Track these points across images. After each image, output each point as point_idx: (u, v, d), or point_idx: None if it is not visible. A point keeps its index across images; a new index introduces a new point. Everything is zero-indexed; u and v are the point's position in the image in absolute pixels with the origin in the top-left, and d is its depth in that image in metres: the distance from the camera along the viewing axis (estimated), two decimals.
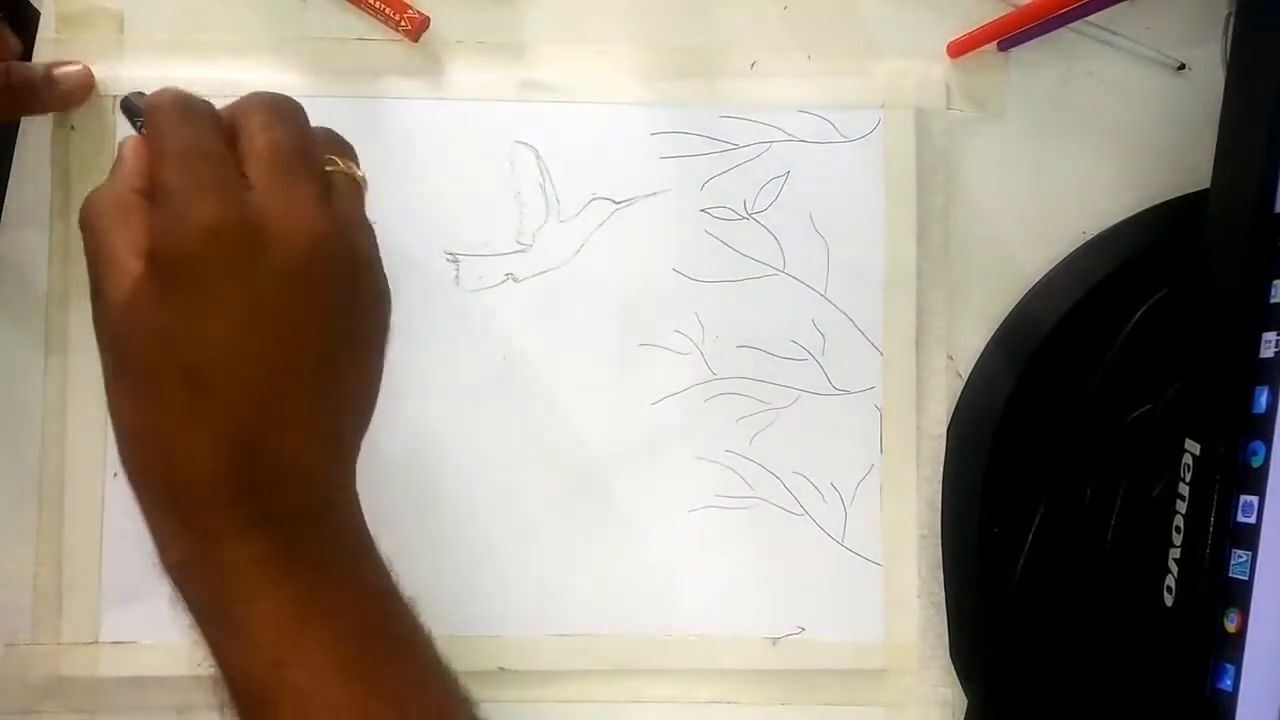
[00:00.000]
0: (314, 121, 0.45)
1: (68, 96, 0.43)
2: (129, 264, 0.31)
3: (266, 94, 0.35)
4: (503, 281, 0.45)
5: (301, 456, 0.32)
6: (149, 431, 0.32)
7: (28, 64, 0.43)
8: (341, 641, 0.31)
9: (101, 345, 0.33)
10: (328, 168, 0.34)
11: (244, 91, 0.46)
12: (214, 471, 0.31)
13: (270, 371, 0.31)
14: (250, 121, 0.33)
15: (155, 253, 0.31)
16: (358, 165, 0.36)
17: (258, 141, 0.33)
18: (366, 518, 0.38)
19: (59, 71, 0.43)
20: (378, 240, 0.36)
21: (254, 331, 0.31)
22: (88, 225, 0.32)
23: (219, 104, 0.35)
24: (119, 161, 0.34)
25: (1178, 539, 0.40)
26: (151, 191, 0.32)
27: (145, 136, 0.34)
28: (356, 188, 0.35)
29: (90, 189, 0.44)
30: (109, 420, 0.43)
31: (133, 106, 0.37)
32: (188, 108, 0.33)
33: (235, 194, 0.31)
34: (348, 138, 0.45)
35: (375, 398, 0.36)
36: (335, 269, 0.32)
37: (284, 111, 0.34)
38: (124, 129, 0.44)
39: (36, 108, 0.44)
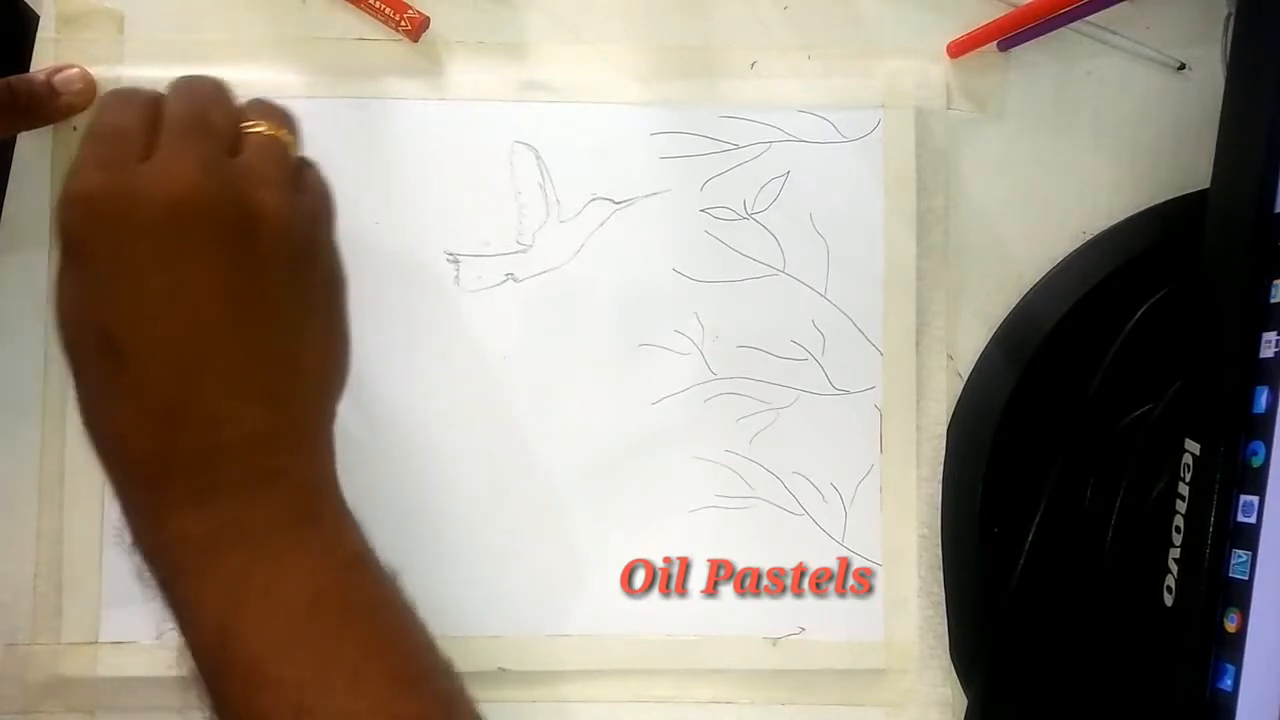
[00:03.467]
0: (313, 123, 0.45)
1: (71, 105, 0.43)
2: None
3: (189, 75, 0.36)
4: (503, 282, 0.45)
5: (236, 424, 0.32)
6: (87, 407, 0.32)
7: (29, 76, 0.43)
8: (285, 614, 0.31)
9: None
10: (248, 129, 0.35)
11: (244, 91, 0.46)
12: (145, 444, 0.31)
13: (180, 332, 0.32)
14: (166, 101, 0.35)
15: (57, 227, 0.32)
16: (287, 128, 0.37)
17: (163, 116, 0.34)
18: (366, 518, 0.38)
19: (60, 79, 0.43)
20: (335, 212, 0.37)
21: (152, 293, 0.31)
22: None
23: None
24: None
25: (1178, 539, 0.40)
26: None
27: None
28: (274, 144, 0.36)
29: None
30: None
31: None
32: (121, 94, 0.35)
33: (119, 165, 0.32)
34: (348, 138, 0.45)
35: (333, 358, 0.36)
36: (219, 222, 0.32)
37: (194, 86, 0.36)
38: None
39: (42, 120, 0.43)
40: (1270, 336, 0.38)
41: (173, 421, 0.31)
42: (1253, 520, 0.37)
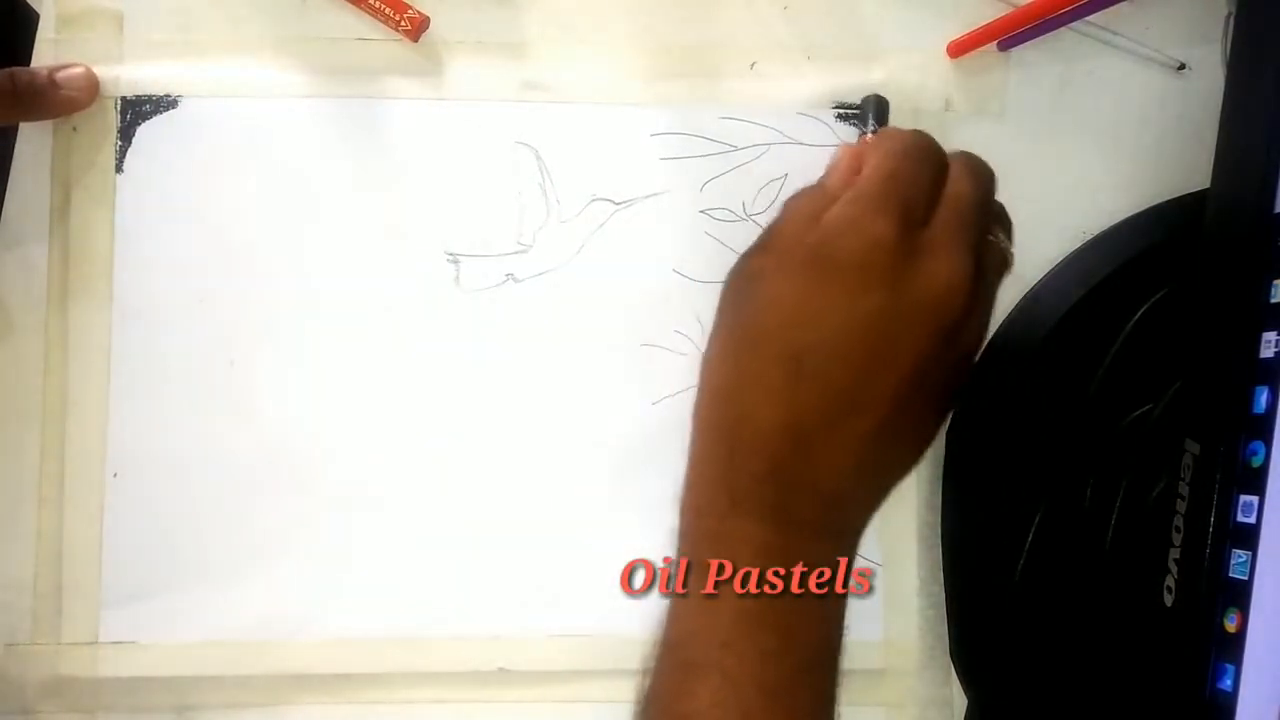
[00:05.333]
0: (313, 123, 0.45)
1: (73, 101, 0.43)
2: (791, 242, 0.34)
3: (975, 157, 0.38)
4: (503, 282, 0.45)
5: (833, 481, 0.34)
6: (733, 389, 0.35)
7: (32, 69, 0.43)
8: (781, 660, 0.34)
9: (728, 297, 0.36)
10: (989, 237, 0.37)
11: (244, 91, 0.46)
12: (766, 450, 0.33)
13: (853, 387, 0.33)
14: (955, 172, 0.36)
15: (821, 241, 0.34)
16: (1012, 243, 0.38)
17: (952, 190, 0.36)
18: (366, 518, 0.38)
19: (63, 75, 0.43)
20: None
21: (860, 344, 0.33)
22: (785, 206, 0.36)
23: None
24: (832, 167, 0.37)
25: (1177, 539, 0.40)
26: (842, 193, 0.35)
27: (861, 149, 0.37)
28: (1003, 266, 0.37)
29: (91, 189, 0.45)
30: (112, 421, 0.44)
31: (867, 112, 0.43)
32: (917, 144, 0.36)
33: (910, 224, 0.34)
34: (348, 138, 0.45)
35: (892, 477, 0.37)
36: (947, 331, 0.34)
37: (982, 174, 0.37)
38: (124, 130, 0.44)
39: (42, 113, 0.43)
40: (1270, 336, 0.38)
41: (800, 445, 0.33)
42: (1253, 520, 0.37)
